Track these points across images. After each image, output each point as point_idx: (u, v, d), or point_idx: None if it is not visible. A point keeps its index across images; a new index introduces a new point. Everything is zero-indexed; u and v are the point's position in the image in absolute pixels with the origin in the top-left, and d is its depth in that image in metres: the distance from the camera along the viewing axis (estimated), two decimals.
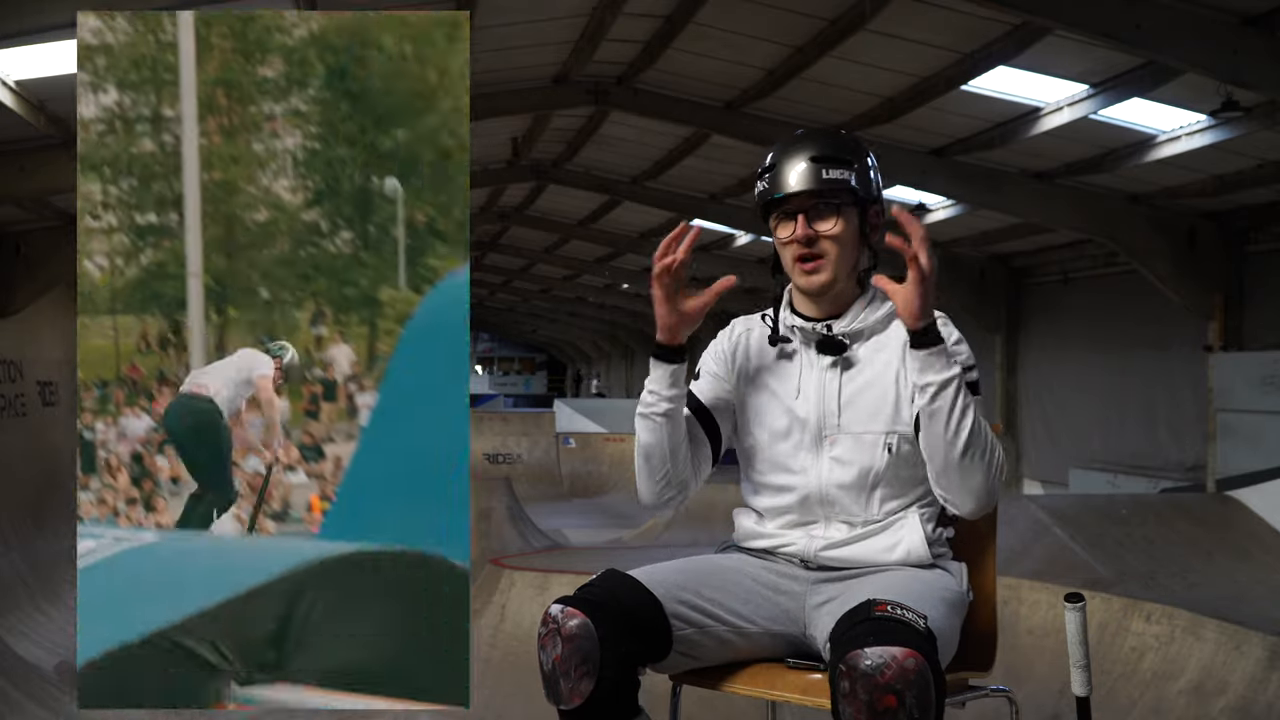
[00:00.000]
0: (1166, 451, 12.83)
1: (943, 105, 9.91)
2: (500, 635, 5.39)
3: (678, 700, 2.42)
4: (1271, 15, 7.17)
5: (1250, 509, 8.17)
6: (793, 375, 2.44)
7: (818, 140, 2.43)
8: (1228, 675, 4.52)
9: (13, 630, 8.18)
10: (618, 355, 41.43)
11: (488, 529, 10.71)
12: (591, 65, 11.12)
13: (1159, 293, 11.95)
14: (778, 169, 2.40)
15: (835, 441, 2.38)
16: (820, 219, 2.38)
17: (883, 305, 2.42)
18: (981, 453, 2.27)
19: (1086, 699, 2.54)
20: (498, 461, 19.86)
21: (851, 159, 2.40)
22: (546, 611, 2.22)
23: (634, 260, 23.93)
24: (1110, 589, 5.67)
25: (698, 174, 14.90)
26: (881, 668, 1.97)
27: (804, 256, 2.38)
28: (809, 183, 2.36)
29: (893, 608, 2.09)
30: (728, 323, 2.63)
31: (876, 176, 2.45)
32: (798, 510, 2.42)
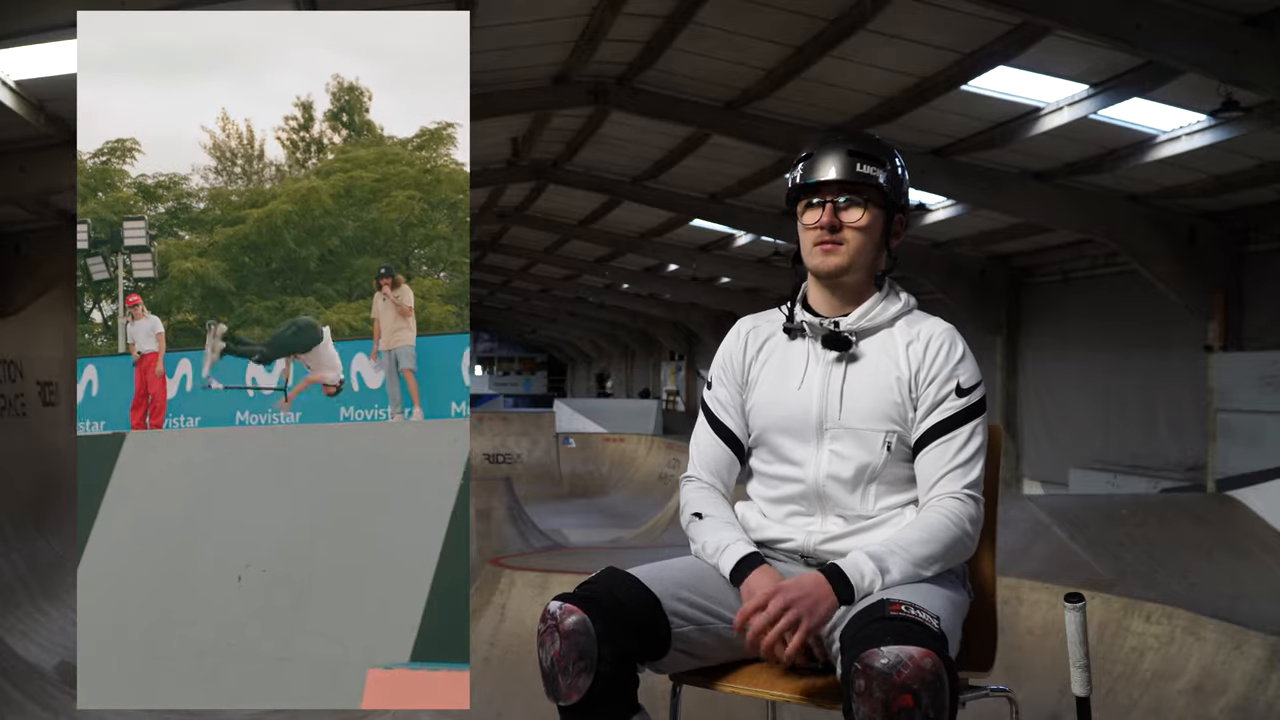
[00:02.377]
0: (1166, 451, 12.83)
1: (943, 105, 9.91)
2: (500, 635, 5.38)
3: (678, 700, 2.42)
4: (1271, 15, 7.17)
5: (1250, 509, 8.16)
6: (798, 368, 2.46)
7: (856, 136, 2.49)
8: (1228, 675, 4.52)
9: (13, 630, 8.18)
10: (618, 355, 41.44)
11: (488, 529, 10.70)
12: (591, 65, 11.12)
13: (1159, 293, 11.96)
14: (814, 157, 2.44)
15: (836, 436, 2.40)
16: (847, 210, 2.41)
17: (893, 305, 2.45)
18: (956, 557, 2.34)
19: (1086, 699, 2.54)
20: (498, 461, 19.86)
21: (885, 160, 2.45)
22: (545, 608, 2.23)
23: (634, 260, 23.95)
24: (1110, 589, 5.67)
25: (698, 174, 14.90)
26: (898, 667, 1.97)
27: (824, 240, 2.41)
28: (842, 173, 2.41)
29: (907, 607, 2.09)
30: (734, 321, 2.63)
31: (905, 185, 2.50)
32: (796, 501, 2.44)
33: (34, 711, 5.70)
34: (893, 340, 2.43)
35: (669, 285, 25.60)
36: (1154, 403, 13.21)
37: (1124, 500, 9.33)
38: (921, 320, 2.46)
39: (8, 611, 8.90)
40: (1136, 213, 11.48)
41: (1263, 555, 7.59)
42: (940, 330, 2.43)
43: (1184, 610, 4.88)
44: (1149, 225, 11.48)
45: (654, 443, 20.76)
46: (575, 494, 19.59)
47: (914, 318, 2.46)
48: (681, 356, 33.09)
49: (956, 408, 2.37)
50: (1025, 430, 15.79)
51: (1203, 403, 11.47)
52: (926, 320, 2.46)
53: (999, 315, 15.84)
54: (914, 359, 2.40)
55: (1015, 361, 15.88)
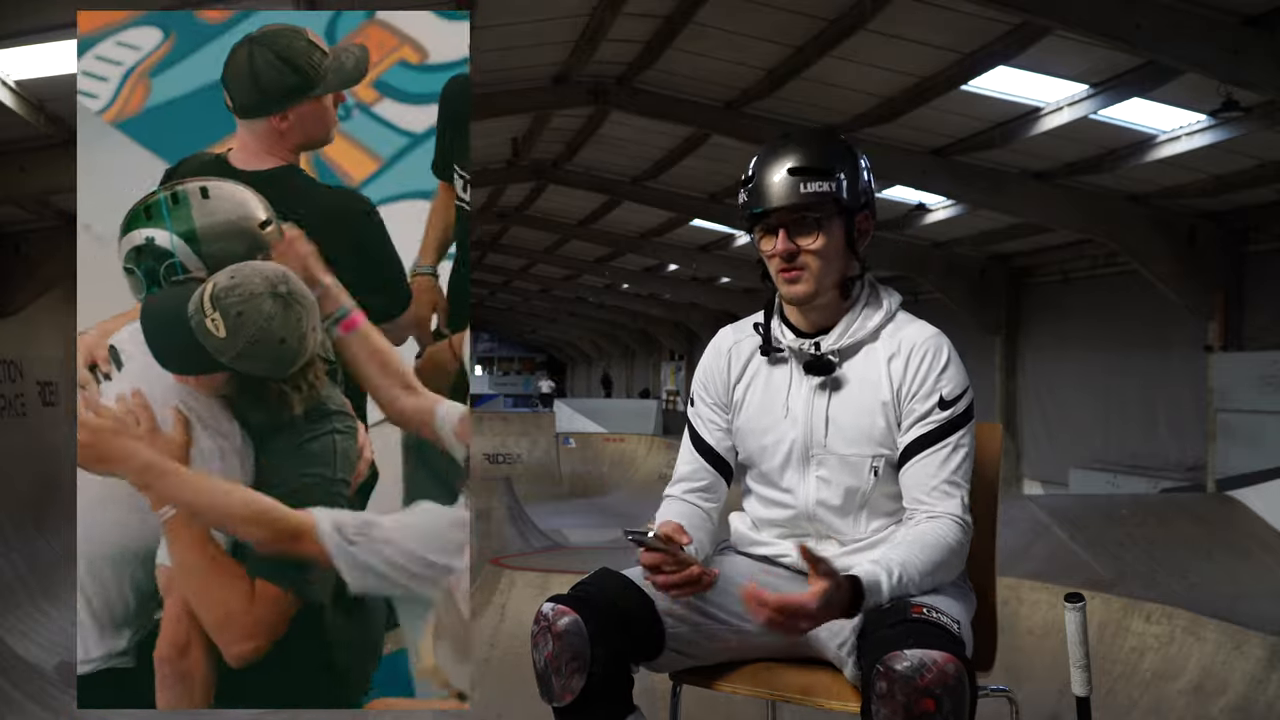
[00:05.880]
0: (1166, 451, 12.83)
1: (943, 105, 9.91)
2: (500, 635, 5.38)
3: (678, 700, 2.42)
4: (1271, 15, 7.17)
5: (1250, 509, 8.16)
6: (780, 391, 2.39)
7: (798, 150, 2.30)
8: (1228, 675, 4.52)
9: (13, 630, 8.17)
10: (618, 355, 41.43)
11: (488, 529, 10.69)
12: (591, 65, 11.12)
13: (1159, 293, 11.96)
14: (757, 181, 2.30)
15: (822, 461, 2.35)
16: (802, 234, 2.29)
17: (872, 316, 2.36)
18: (945, 578, 2.29)
19: (1086, 699, 2.54)
20: (498, 461, 19.84)
21: (835, 167, 2.29)
22: (539, 610, 2.22)
23: (634, 260, 23.93)
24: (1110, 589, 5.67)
25: (698, 174, 14.90)
26: (921, 670, 1.95)
27: (783, 269, 2.32)
28: (787, 198, 2.27)
29: (928, 610, 2.08)
30: (728, 322, 2.61)
31: (866, 181, 2.35)
32: (788, 525, 2.41)
33: (34, 711, 5.70)
34: (875, 355, 2.35)
35: (669, 285, 25.59)
36: (1154, 403, 13.20)
37: (1124, 500, 9.34)
38: (904, 327, 2.37)
39: (8, 611, 8.89)
40: (1136, 213, 11.48)
41: (1263, 555, 7.59)
42: (922, 339, 2.34)
43: (1184, 610, 4.88)
44: (1149, 225, 11.48)
45: (654, 443, 20.75)
46: (575, 494, 19.58)
47: (897, 324, 2.37)
48: (681, 356, 33.07)
49: (939, 421, 2.30)
50: (1025, 430, 15.78)
51: (1203, 403, 11.47)
52: (909, 327, 2.37)
53: (999, 315, 15.84)
54: (895, 375, 2.32)
55: (1015, 361, 15.87)
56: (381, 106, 3.81)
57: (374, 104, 3.80)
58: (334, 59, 3.14)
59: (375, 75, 3.77)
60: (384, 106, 3.81)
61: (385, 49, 3.83)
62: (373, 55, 3.35)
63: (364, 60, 3.20)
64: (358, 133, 3.77)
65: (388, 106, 3.81)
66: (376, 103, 3.81)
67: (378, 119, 3.80)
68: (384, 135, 3.78)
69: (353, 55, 3.18)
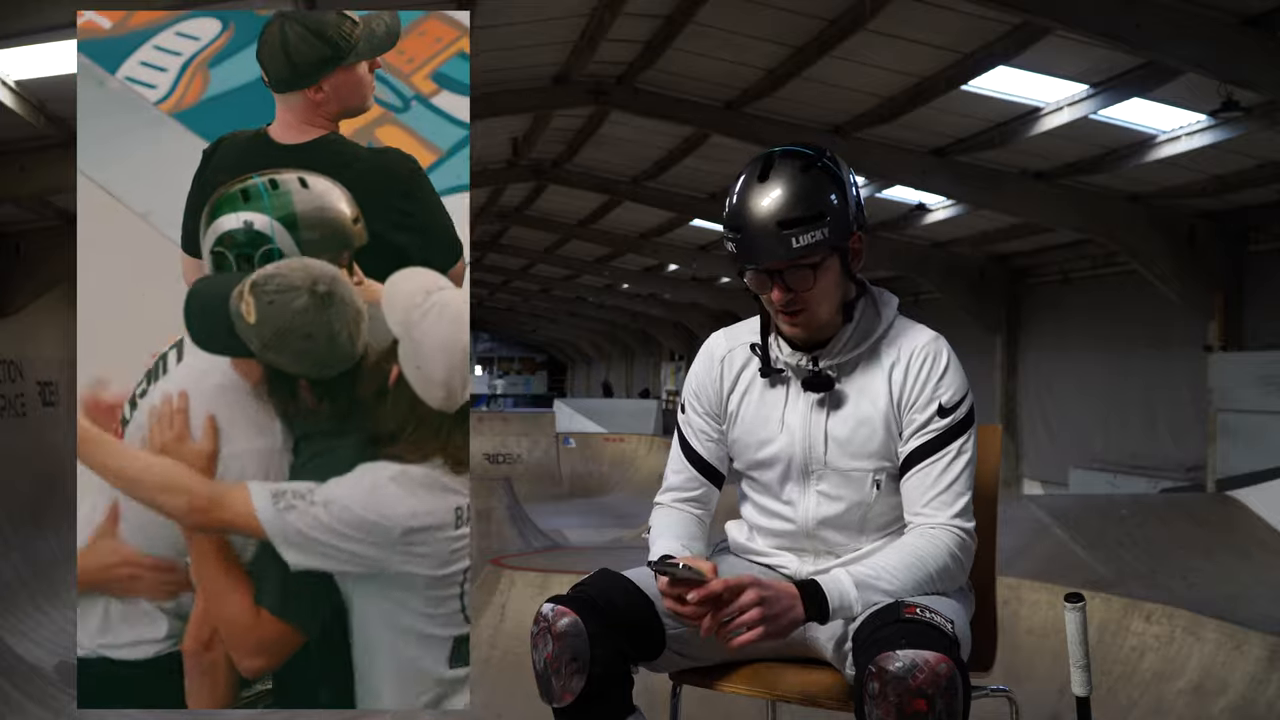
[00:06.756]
0: (1166, 451, 12.83)
1: (943, 105, 9.92)
2: (500, 635, 5.38)
3: (678, 700, 2.42)
4: (1271, 15, 7.17)
5: (1250, 509, 8.15)
6: (776, 406, 2.37)
7: (783, 194, 2.20)
8: (1228, 675, 4.51)
9: (13, 630, 8.17)
10: (618, 355, 41.44)
11: (488, 529, 10.68)
12: (591, 65, 11.12)
13: (1159, 293, 11.96)
14: (744, 232, 2.22)
15: (822, 476, 2.34)
16: (798, 280, 2.23)
17: (870, 330, 2.34)
18: (945, 586, 2.27)
19: (1086, 699, 2.54)
20: (498, 461, 19.84)
21: (824, 209, 2.20)
22: (539, 610, 2.22)
23: (634, 260, 23.94)
24: (1110, 589, 5.66)
25: (698, 174, 14.90)
26: (913, 671, 1.96)
27: (781, 312, 2.29)
28: (781, 254, 2.20)
29: (921, 610, 2.08)
30: (729, 322, 2.60)
31: (855, 199, 2.28)
32: (787, 539, 2.40)
33: (34, 711, 5.70)
34: (875, 367, 2.33)
35: (669, 285, 25.60)
36: (1154, 403, 13.21)
37: (1124, 500, 9.31)
38: (903, 334, 2.35)
39: (8, 611, 8.89)
40: (1136, 213, 11.49)
41: (1263, 555, 7.58)
42: (920, 345, 2.32)
43: (1184, 610, 4.87)
44: (1149, 225, 11.48)
45: (654, 443, 20.74)
46: (575, 494, 19.57)
47: (896, 331, 2.35)
48: (681, 357, 33.07)
49: (939, 429, 2.28)
50: (1025, 430, 15.78)
51: (1203, 403, 11.47)
52: (908, 333, 2.35)
53: (999, 315, 15.84)
54: (895, 385, 2.30)
55: (1015, 361, 15.88)
56: (440, 99, 3.79)
57: (432, 96, 3.79)
58: (365, 27, 3.13)
59: (435, 67, 3.76)
60: (442, 98, 3.78)
61: (445, 40, 3.82)
62: (433, 47, 3.34)
63: (395, 27, 3.19)
64: (417, 125, 3.74)
65: (446, 98, 3.78)
66: (435, 95, 3.79)
67: (437, 111, 3.78)
68: (443, 127, 3.75)
69: (383, 22, 3.17)
